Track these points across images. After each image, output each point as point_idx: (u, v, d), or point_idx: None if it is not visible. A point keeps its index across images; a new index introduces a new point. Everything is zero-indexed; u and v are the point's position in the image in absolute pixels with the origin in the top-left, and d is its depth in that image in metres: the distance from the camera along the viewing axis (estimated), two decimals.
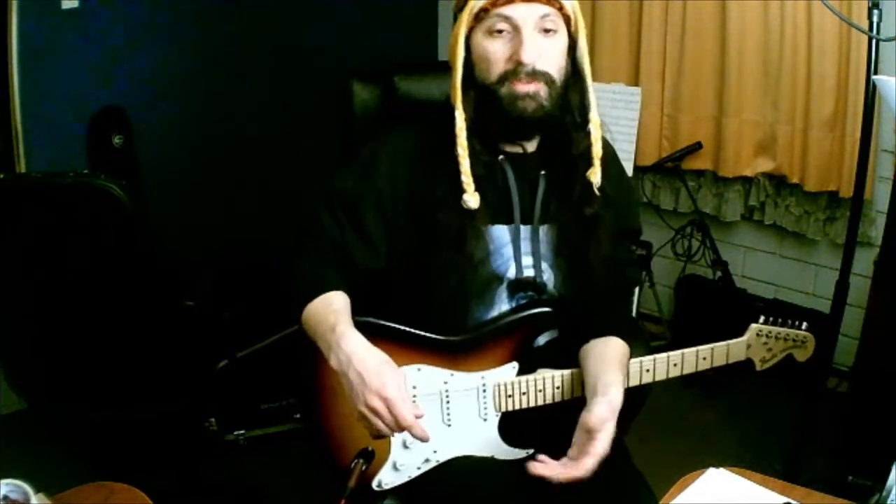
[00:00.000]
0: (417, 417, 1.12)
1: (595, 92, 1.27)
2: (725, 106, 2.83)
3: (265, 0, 2.96)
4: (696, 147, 2.91)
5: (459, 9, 1.23)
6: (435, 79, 1.62)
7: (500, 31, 1.19)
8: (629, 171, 2.67)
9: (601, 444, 1.12)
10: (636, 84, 2.95)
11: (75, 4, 2.47)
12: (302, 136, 3.03)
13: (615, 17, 3.00)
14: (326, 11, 3.13)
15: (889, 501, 1.02)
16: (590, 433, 1.12)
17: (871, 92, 1.79)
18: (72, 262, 1.75)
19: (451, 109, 1.24)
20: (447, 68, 1.29)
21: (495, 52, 1.20)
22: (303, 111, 3.02)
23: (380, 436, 1.16)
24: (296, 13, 3.05)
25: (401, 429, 1.12)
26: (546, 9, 1.19)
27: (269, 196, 3.00)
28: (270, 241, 2.06)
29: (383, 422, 1.12)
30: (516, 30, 1.18)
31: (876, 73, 1.78)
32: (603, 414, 1.13)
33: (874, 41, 1.74)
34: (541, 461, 1.14)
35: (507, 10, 1.18)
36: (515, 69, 1.19)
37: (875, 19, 1.68)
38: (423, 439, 1.14)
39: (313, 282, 1.24)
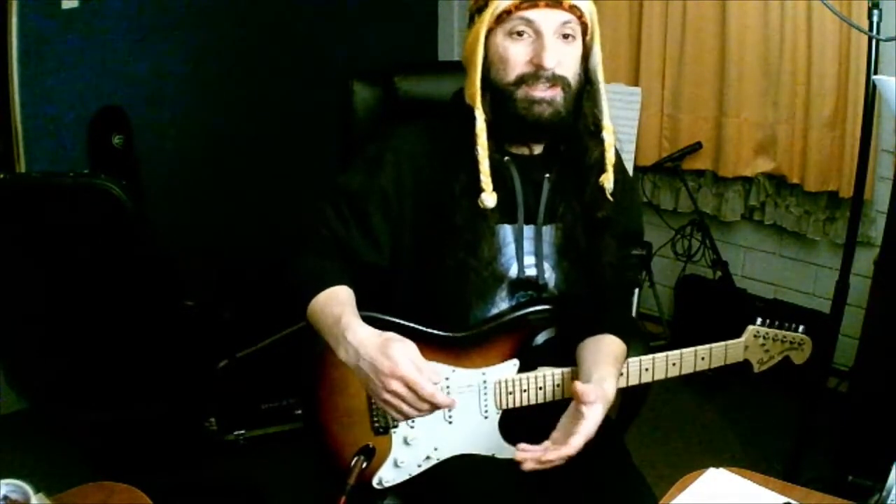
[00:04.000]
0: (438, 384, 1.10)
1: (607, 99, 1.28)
2: (725, 106, 2.83)
3: (265, 0, 2.96)
4: (696, 147, 2.91)
5: (478, 9, 1.23)
6: (435, 79, 1.62)
7: (520, 34, 1.20)
8: (629, 171, 2.67)
9: (589, 423, 1.12)
10: (636, 84, 2.95)
11: (75, 4, 2.47)
12: (302, 136, 3.03)
13: (615, 17, 3.00)
14: (327, 11, 3.13)
15: (889, 501, 1.02)
16: (579, 411, 1.13)
17: (871, 92, 1.79)
18: (72, 263, 1.74)
19: (465, 109, 1.24)
20: (447, 68, 1.29)
21: (516, 54, 1.20)
22: (303, 111, 3.02)
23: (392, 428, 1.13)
24: (296, 13, 3.05)
25: (427, 406, 1.09)
26: (567, 15, 1.20)
27: (268, 196, 3.00)
28: (270, 241, 2.06)
29: (407, 403, 1.08)
30: (538, 34, 1.19)
31: (876, 73, 1.78)
32: (594, 393, 1.13)
33: (874, 41, 1.74)
34: (523, 449, 1.12)
35: (530, 13, 1.18)
36: (536, 73, 1.19)
37: (875, 19, 1.67)
38: (450, 406, 1.13)
39: (318, 276, 1.24)
